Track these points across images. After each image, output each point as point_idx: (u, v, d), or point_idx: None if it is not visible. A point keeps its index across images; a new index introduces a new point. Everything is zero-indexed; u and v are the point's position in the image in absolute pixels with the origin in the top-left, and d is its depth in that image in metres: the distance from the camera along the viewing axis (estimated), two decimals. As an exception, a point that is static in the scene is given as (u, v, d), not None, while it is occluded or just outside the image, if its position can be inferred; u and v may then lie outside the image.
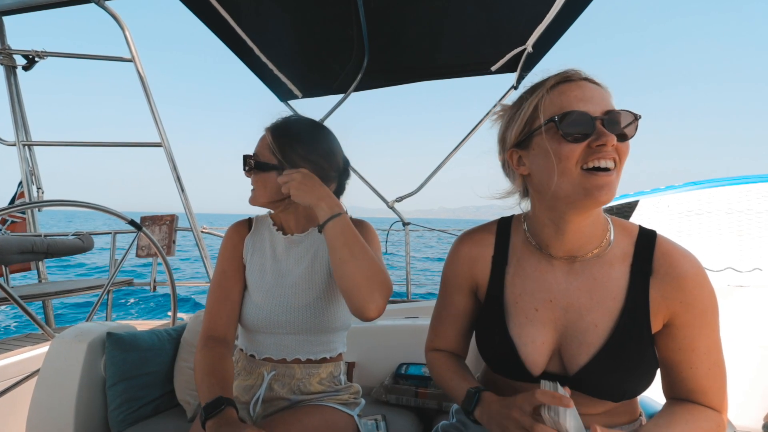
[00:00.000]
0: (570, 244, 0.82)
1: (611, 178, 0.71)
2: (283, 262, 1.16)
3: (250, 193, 1.11)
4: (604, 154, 0.70)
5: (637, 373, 0.77)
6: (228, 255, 1.17)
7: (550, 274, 0.85)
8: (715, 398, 0.77)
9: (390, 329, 1.84)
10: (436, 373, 0.98)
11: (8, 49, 3.46)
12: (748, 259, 2.60)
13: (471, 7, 2.07)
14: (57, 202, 1.87)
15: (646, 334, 0.76)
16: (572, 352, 0.79)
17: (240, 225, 1.24)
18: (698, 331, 0.75)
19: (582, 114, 0.71)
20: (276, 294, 1.11)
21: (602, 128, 0.70)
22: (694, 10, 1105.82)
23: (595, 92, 0.73)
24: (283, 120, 1.11)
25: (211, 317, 1.10)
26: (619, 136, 0.71)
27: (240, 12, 2.05)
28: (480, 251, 0.93)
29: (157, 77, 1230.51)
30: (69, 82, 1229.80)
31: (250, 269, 1.16)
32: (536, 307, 0.84)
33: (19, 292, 3.01)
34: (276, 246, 1.18)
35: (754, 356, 1.88)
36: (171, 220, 4.01)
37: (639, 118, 0.73)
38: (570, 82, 0.75)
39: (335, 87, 3.01)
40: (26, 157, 3.63)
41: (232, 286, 1.14)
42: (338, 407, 1.11)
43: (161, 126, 3.01)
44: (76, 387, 1.36)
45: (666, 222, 2.88)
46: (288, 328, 1.10)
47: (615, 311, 0.78)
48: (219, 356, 1.03)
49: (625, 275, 0.80)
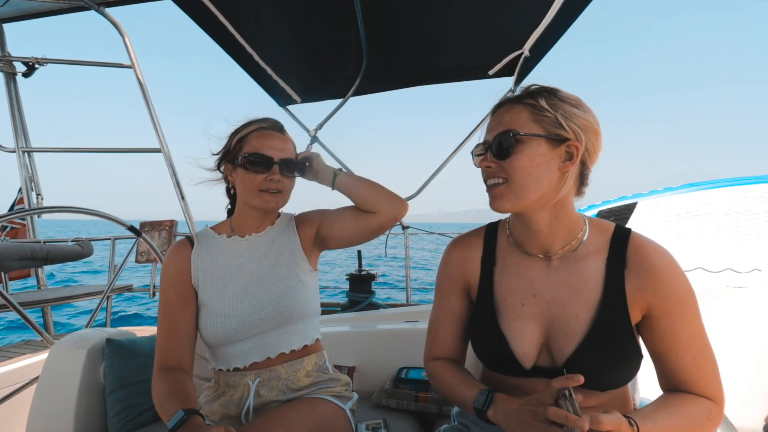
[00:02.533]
0: (540, 242, 0.91)
1: (498, 190, 0.86)
2: (244, 265, 1.15)
3: (275, 196, 1.13)
4: (487, 174, 0.88)
5: (620, 362, 0.82)
6: (171, 283, 1.13)
7: (531, 270, 0.92)
8: (707, 387, 0.80)
9: (390, 333, 1.84)
10: (439, 382, 1.00)
11: (8, 56, 3.47)
12: (747, 260, 2.60)
13: (468, 12, 2.08)
14: (56, 209, 1.87)
15: (626, 324, 0.82)
16: (559, 344, 0.85)
17: (180, 246, 1.19)
18: (678, 320, 0.80)
19: (481, 144, 0.90)
20: (243, 296, 1.11)
21: (488, 153, 0.87)
22: (694, 10, 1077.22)
23: (501, 117, 0.88)
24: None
25: (161, 350, 1.08)
26: (497, 155, 0.86)
27: (239, 18, 2.07)
28: (470, 253, 1.01)
29: (155, 84, 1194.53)
30: (69, 88, 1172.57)
31: (205, 285, 1.13)
32: (522, 302, 0.90)
33: (18, 299, 3.01)
34: (230, 251, 1.17)
35: (754, 357, 1.88)
36: (170, 225, 4.01)
37: (512, 134, 0.84)
38: (493, 113, 0.91)
39: (334, 92, 3.02)
40: (26, 163, 3.63)
41: (179, 315, 1.10)
42: (329, 398, 1.11)
43: (161, 132, 3.02)
44: (76, 394, 1.36)
45: (664, 224, 2.89)
46: (263, 326, 1.09)
47: (594, 303, 0.84)
48: (175, 380, 1.01)
49: (601, 269, 0.86)
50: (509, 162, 0.83)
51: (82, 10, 2.86)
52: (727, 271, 2.59)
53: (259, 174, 1.09)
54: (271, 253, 1.18)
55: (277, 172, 1.11)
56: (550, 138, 0.83)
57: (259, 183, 1.10)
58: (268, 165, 1.10)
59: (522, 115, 0.85)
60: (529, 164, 0.83)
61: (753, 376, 1.85)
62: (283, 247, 1.19)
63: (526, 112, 0.85)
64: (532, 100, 0.85)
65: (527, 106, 0.85)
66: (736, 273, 2.57)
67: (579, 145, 0.83)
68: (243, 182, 1.12)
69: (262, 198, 1.11)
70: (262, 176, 1.10)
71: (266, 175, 1.10)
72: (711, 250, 2.69)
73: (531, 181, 0.83)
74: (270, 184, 1.11)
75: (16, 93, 3.61)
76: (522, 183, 0.84)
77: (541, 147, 0.83)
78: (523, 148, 0.83)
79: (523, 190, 0.84)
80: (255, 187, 1.10)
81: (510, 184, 0.84)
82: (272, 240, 1.20)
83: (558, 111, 0.82)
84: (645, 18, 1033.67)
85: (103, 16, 2.77)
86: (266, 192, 1.11)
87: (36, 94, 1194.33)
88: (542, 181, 0.83)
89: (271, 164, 1.10)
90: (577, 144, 0.83)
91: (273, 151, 1.11)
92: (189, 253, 1.16)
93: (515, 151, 0.83)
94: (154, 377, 1.04)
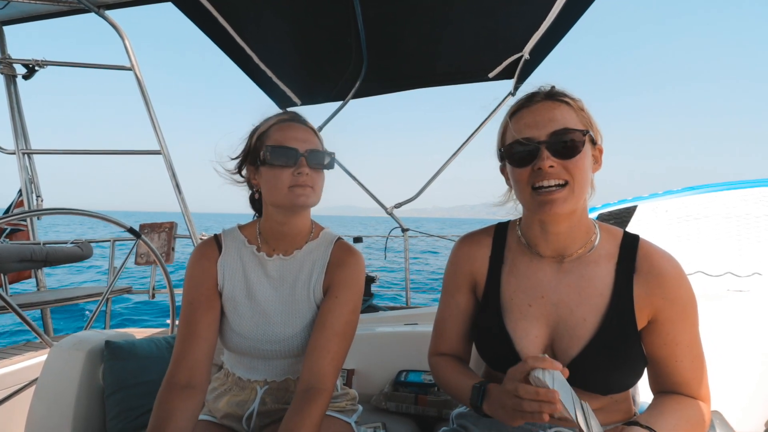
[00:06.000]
0: (555, 244, 0.90)
1: (561, 194, 0.79)
2: (259, 290, 1.06)
3: (305, 190, 0.99)
4: (544, 176, 0.80)
5: (624, 367, 0.82)
6: (195, 282, 1.04)
7: (541, 272, 0.91)
8: (700, 389, 0.83)
9: (389, 336, 1.84)
10: (440, 376, 1.00)
11: (8, 58, 3.48)
12: (748, 264, 2.60)
13: (468, 15, 2.09)
14: (55, 211, 1.87)
15: (632, 329, 0.82)
16: (563, 346, 0.85)
17: (207, 247, 1.09)
18: (680, 325, 0.82)
19: (525, 141, 0.81)
20: (261, 323, 1.04)
21: (545, 152, 0.79)
22: (693, 8, 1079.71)
23: (545, 114, 0.81)
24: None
25: (174, 358, 0.98)
26: (562, 155, 0.79)
27: (239, 21, 2.07)
28: (479, 251, 1.00)
29: (160, 78, 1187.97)
30: (71, 89, 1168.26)
31: (226, 295, 1.06)
32: (529, 303, 0.89)
33: (17, 300, 3.00)
34: (256, 269, 1.07)
35: (754, 361, 1.88)
36: (170, 227, 4.01)
37: (586, 132, 0.81)
38: (524, 108, 0.85)
39: (334, 94, 3.03)
40: (26, 165, 3.64)
41: (202, 318, 1.01)
42: (335, 415, 1.10)
43: (161, 134, 3.03)
44: (75, 396, 1.35)
45: (664, 226, 2.88)
46: (276, 355, 1.06)
47: (602, 307, 0.84)
48: (181, 401, 0.94)
49: (611, 273, 0.86)
50: (574, 162, 0.79)
51: (83, 12, 2.87)
52: (728, 275, 2.59)
53: (286, 168, 0.97)
54: (298, 284, 1.07)
55: (305, 164, 0.97)
56: (592, 140, 0.84)
57: (286, 179, 0.97)
58: (294, 158, 0.97)
59: (571, 114, 0.82)
60: (587, 165, 0.82)
61: (753, 380, 1.84)
62: (308, 278, 1.07)
63: (571, 112, 0.83)
64: (569, 99, 0.83)
65: (564, 104, 0.83)
66: (737, 277, 2.57)
67: (602, 148, 0.86)
68: (268, 181, 0.99)
69: (293, 193, 0.97)
70: (288, 171, 0.97)
71: (293, 168, 0.97)
72: (711, 253, 2.69)
73: (586, 184, 0.83)
74: (299, 179, 0.97)
75: (16, 95, 3.61)
76: (582, 185, 0.81)
77: (588, 148, 0.83)
78: (585, 148, 0.81)
79: (581, 192, 0.81)
80: (283, 185, 0.97)
81: (572, 185, 0.80)
82: (300, 266, 1.08)
83: (588, 113, 0.84)
84: (650, 12, 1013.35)
85: (103, 18, 2.78)
86: (297, 187, 0.98)
87: (36, 95, 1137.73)
88: (588, 184, 0.84)
89: (297, 156, 0.97)
90: (601, 147, 0.86)
91: (298, 142, 0.98)
92: (216, 257, 1.07)
93: (583, 151, 0.80)
94: (160, 389, 0.96)
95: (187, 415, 0.93)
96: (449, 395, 1.01)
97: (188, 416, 0.93)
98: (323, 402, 0.92)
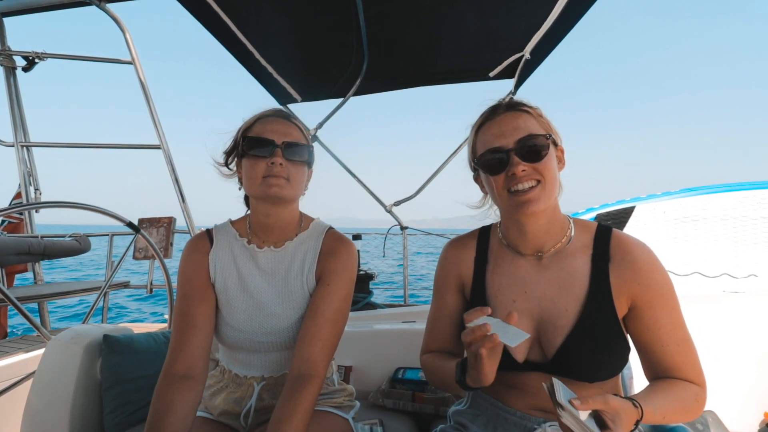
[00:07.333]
0: (533, 242, 0.96)
1: (534, 194, 0.87)
2: (252, 282, 1.07)
3: (279, 180, 0.99)
4: (518, 179, 0.87)
5: (607, 352, 0.86)
6: (189, 276, 1.06)
7: (522, 269, 0.97)
8: (691, 372, 0.85)
9: (387, 333, 1.85)
10: (429, 371, 1.03)
11: (8, 50, 3.46)
12: (744, 266, 2.61)
13: (469, 13, 2.09)
14: (53, 204, 1.87)
15: (612, 315, 0.87)
16: (548, 337, 0.90)
17: (198, 240, 1.12)
18: (660, 309, 0.86)
19: (495, 150, 0.89)
20: (255, 315, 1.05)
21: (515, 158, 0.87)
22: (694, 14, 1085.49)
23: (510, 124, 0.90)
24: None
25: (172, 349, 0.99)
26: (530, 159, 0.87)
27: (241, 17, 2.06)
28: (464, 253, 1.07)
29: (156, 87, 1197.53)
30: (70, 83, 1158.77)
31: (219, 288, 1.08)
32: (514, 299, 0.95)
33: (15, 293, 3.00)
34: (248, 261, 1.09)
35: (749, 362, 1.89)
36: (169, 222, 4.00)
37: (549, 136, 0.89)
38: (489, 121, 0.93)
39: (334, 91, 3.02)
40: (24, 158, 3.62)
41: (196, 309, 1.02)
42: (333, 410, 1.11)
43: (160, 128, 3.01)
44: (72, 390, 1.35)
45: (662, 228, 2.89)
46: (272, 347, 1.07)
47: (581, 296, 0.89)
48: (179, 392, 0.95)
49: (587, 264, 0.92)
50: (543, 164, 0.88)
51: (84, 5, 2.85)
52: (724, 276, 2.60)
53: (261, 159, 0.99)
54: (291, 275, 1.08)
55: (279, 155, 0.99)
56: (554, 142, 0.91)
57: (261, 170, 0.99)
58: (269, 148, 0.99)
59: (532, 121, 0.91)
60: (554, 165, 0.90)
61: (749, 380, 1.85)
62: (300, 269, 1.09)
63: (532, 119, 0.91)
64: (527, 108, 0.92)
65: (525, 113, 0.92)
66: (733, 278, 2.58)
67: (563, 149, 0.95)
68: (246, 172, 1.02)
69: (266, 183, 0.99)
70: (264, 161, 0.99)
71: (268, 159, 0.99)
72: (708, 254, 2.70)
73: (555, 182, 0.90)
74: (272, 169, 0.99)
75: (15, 87, 3.59)
76: (552, 183, 0.89)
77: (552, 150, 0.90)
78: (550, 150, 0.89)
79: (552, 190, 0.89)
80: (257, 175, 0.99)
81: (543, 184, 0.88)
82: (292, 257, 1.10)
83: (547, 119, 0.93)
84: (649, 18, 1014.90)
85: (103, 11, 2.76)
86: (270, 177, 0.99)
87: (36, 91, 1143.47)
88: (557, 182, 0.91)
89: (272, 147, 0.99)
90: (562, 147, 0.95)
91: (275, 134, 1.01)
92: (207, 250, 1.10)
93: (548, 153, 0.88)
94: (159, 380, 0.97)
95: (186, 406, 0.94)
96: (441, 388, 1.04)
97: (188, 407, 0.94)
98: (315, 388, 0.94)
